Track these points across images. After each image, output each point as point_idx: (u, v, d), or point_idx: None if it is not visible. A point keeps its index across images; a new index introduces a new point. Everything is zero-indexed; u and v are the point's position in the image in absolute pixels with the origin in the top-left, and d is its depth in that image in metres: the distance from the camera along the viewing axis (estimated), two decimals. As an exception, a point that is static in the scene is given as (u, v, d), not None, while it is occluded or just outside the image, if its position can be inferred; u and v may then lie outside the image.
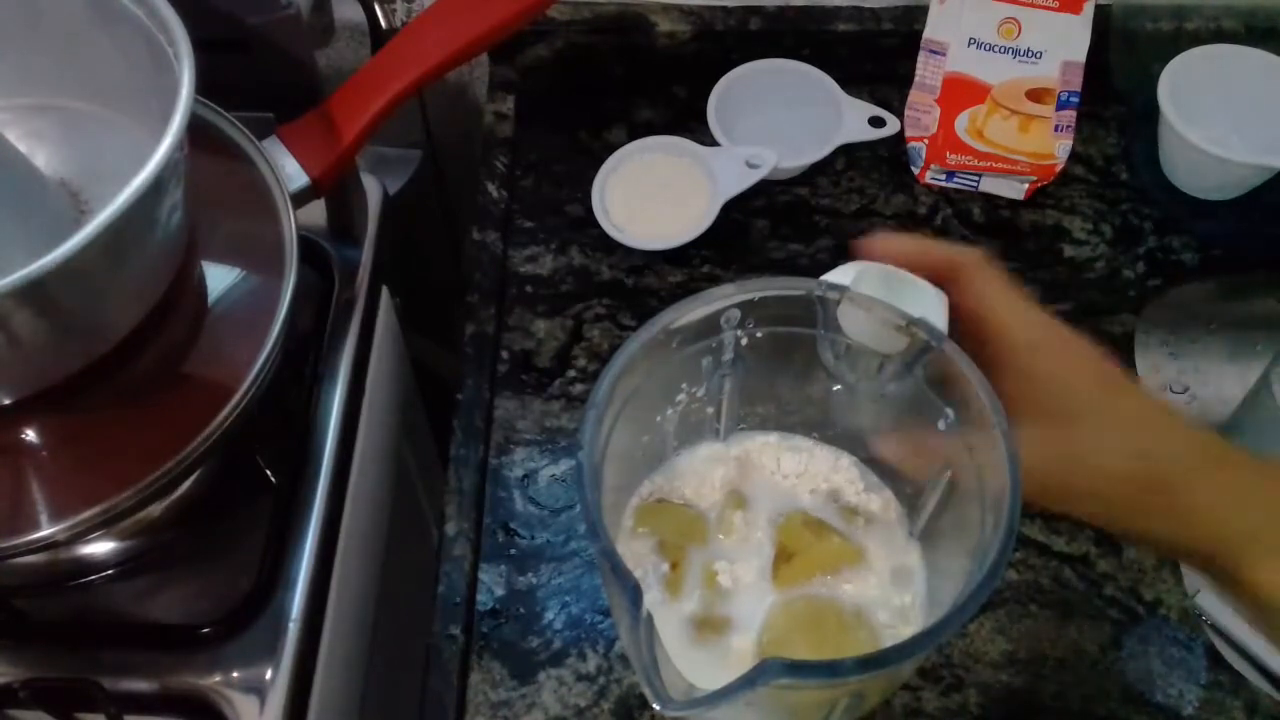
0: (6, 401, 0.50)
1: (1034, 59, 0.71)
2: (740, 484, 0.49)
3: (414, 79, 0.61)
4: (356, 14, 0.78)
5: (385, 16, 0.78)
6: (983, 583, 0.36)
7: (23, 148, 0.52)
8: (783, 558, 0.46)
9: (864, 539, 0.47)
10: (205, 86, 0.48)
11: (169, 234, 0.51)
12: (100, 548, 0.57)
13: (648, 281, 0.72)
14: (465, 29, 0.61)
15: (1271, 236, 0.76)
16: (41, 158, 0.56)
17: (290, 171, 0.59)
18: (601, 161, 0.75)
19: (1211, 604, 0.68)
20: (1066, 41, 0.73)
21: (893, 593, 0.46)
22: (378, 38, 0.78)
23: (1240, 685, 0.58)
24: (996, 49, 0.62)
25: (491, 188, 0.76)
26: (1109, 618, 0.60)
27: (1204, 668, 0.59)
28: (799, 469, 0.50)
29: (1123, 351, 0.70)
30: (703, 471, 0.50)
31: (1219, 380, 0.79)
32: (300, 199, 0.59)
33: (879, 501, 0.48)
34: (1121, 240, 0.74)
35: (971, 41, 0.72)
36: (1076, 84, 0.73)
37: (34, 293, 0.42)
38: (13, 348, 0.46)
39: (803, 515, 0.47)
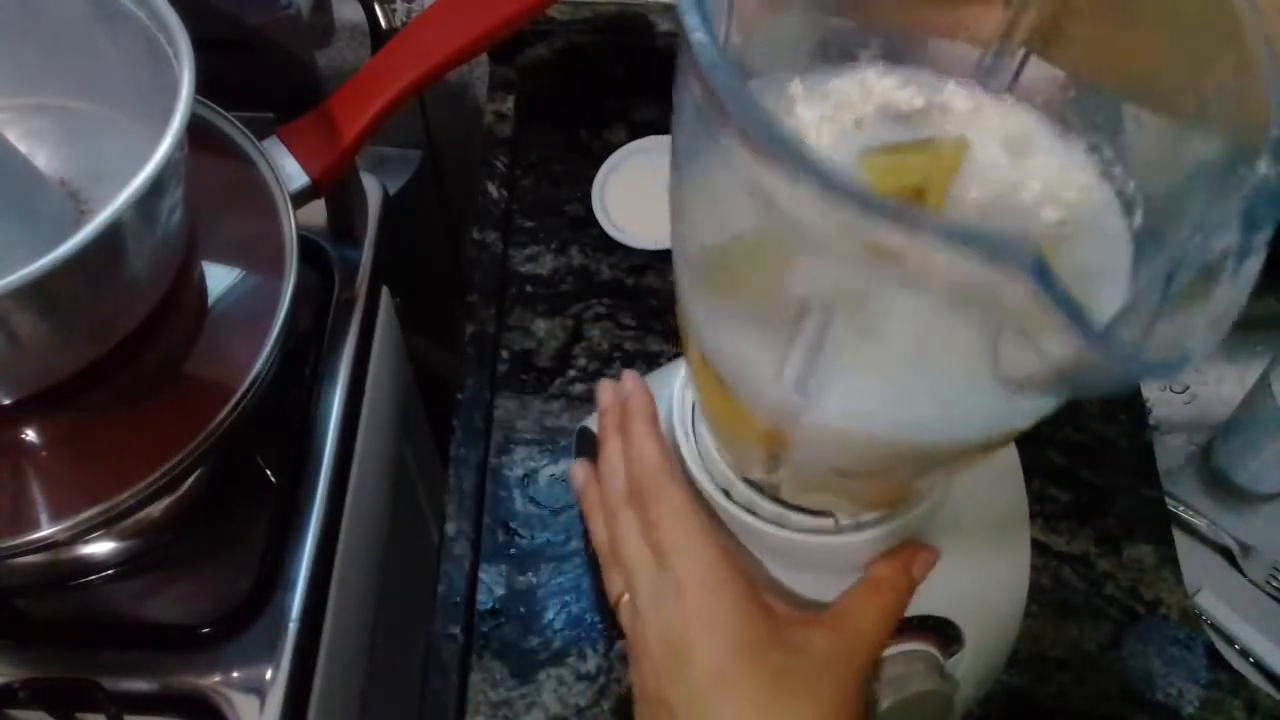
0: (7, 401, 0.50)
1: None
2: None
3: (414, 79, 0.61)
4: (356, 14, 0.78)
5: (385, 16, 0.78)
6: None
7: (23, 148, 0.52)
8: None
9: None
10: (205, 86, 0.48)
11: (169, 234, 0.51)
12: (100, 548, 0.57)
13: (648, 281, 0.72)
14: (465, 29, 0.61)
15: (1272, 236, 0.76)
16: (41, 158, 0.56)
17: (290, 171, 0.59)
18: (601, 161, 0.75)
19: (1211, 604, 0.68)
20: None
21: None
22: (378, 38, 0.78)
23: (1240, 685, 0.58)
24: None
25: (491, 188, 0.76)
26: (1109, 618, 0.60)
27: (1204, 667, 0.59)
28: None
29: (1123, 351, 0.70)
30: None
31: (1219, 380, 0.79)
32: (300, 199, 0.59)
33: None
34: (1121, 240, 0.74)
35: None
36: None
37: (34, 293, 0.42)
38: (13, 348, 0.46)
39: None
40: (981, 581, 0.46)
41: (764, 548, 0.43)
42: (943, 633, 0.44)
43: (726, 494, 0.42)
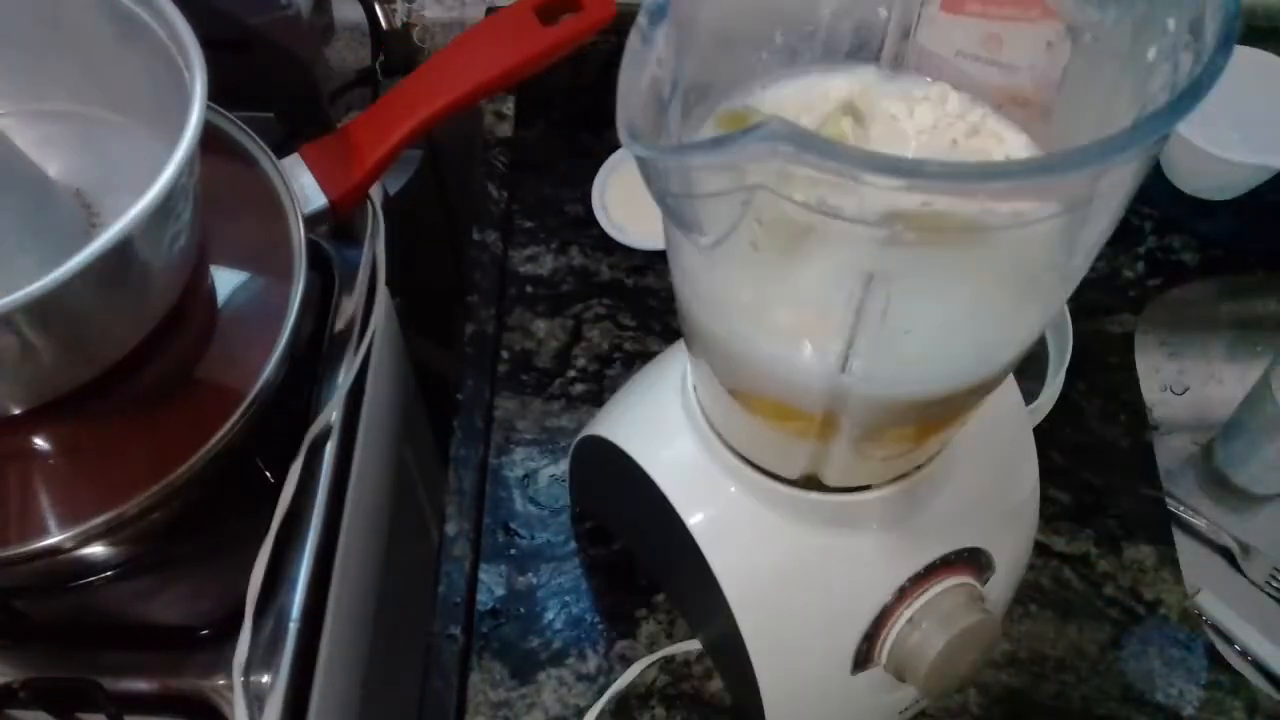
0: (16, 410, 0.51)
1: (1013, 71, 0.71)
2: (858, 105, 0.39)
3: (437, 110, 0.59)
4: (356, 14, 0.78)
5: (385, 16, 0.78)
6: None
7: (37, 155, 0.52)
8: None
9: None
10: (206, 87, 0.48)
11: (179, 247, 0.51)
12: (101, 549, 0.57)
13: (648, 281, 0.72)
14: (492, 63, 0.60)
15: (1271, 236, 0.76)
16: (57, 165, 0.56)
17: (309, 192, 0.59)
18: (601, 161, 0.75)
19: (1211, 604, 0.68)
20: (1046, 52, 0.73)
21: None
22: (378, 38, 0.78)
23: (1240, 685, 0.58)
24: (981, 59, 0.64)
25: (491, 188, 0.76)
26: (1109, 618, 0.60)
27: (1204, 668, 0.59)
28: (930, 122, 0.39)
29: (1123, 351, 0.70)
30: (810, 95, 0.40)
31: (1219, 380, 0.79)
32: (317, 220, 0.59)
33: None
34: (1121, 240, 0.74)
35: (959, 53, 0.72)
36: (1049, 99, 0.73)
37: (41, 308, 0.42)
38: (23, 360, 0.46)
39: None
40: (1000, 504, 0.48)
41: (784, 509, 0.44)
42: (976, 562, 0.46)
43: (747, 461, 0.43)
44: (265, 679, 0.53)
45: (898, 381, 0.35)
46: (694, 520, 0.46)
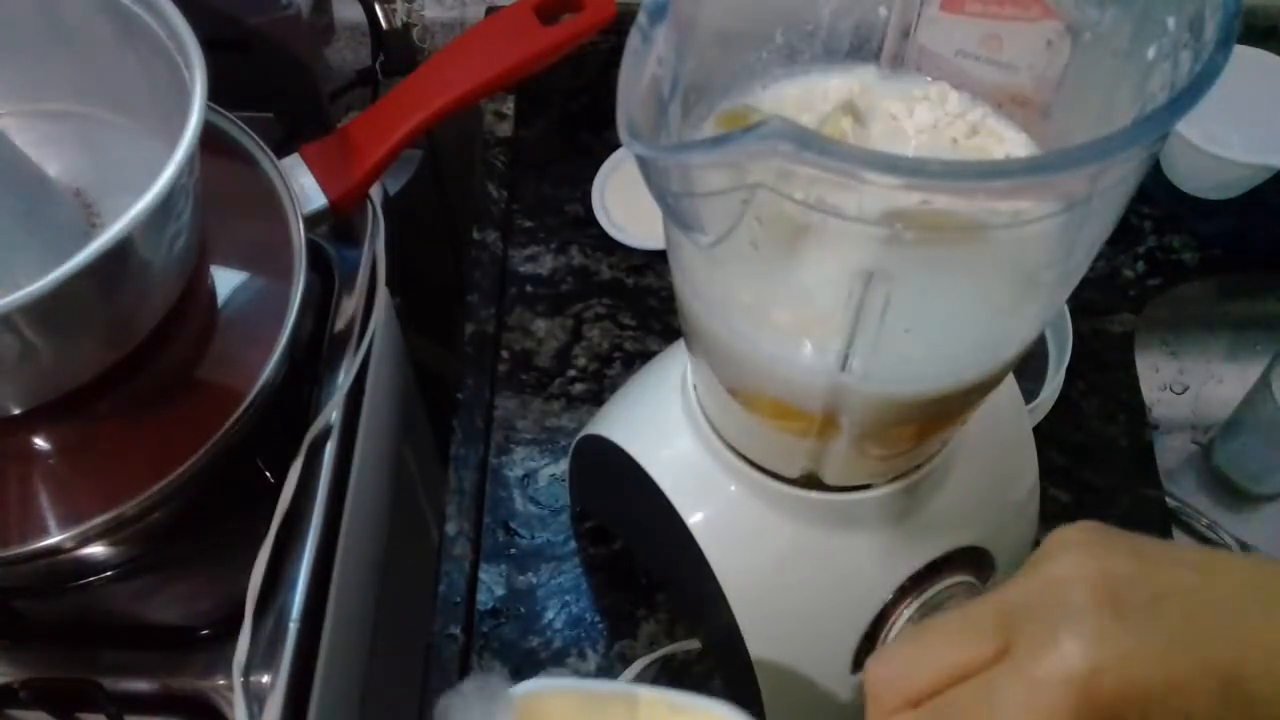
0: (17, 411, 0.51)
1: (1013, 70, 0.71)
2: (859, 105, 0.40)
3: (436, 110, 0.59)
4: (356, 14, 0.77)
5: (385, 16, 0.78)
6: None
7: (39, 155, 0.53)
8: None
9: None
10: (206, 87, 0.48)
11: (179, 247, 0.51)
12: (100, 549, 0.57)
13: (648, 281, 0.72)
14: (491, 63, 0.60)
15: (1272, 236, 0.76)
16: (57, 165, 0.56)
17: (309, 192, 0.59)
18: (601, 161, 0.75)
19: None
20: (1046, 52, 0.73)
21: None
22: (378, 38, 0.78)
23: (1240, 685, 0.58)
24: (981, 59, 0.64)
25: (491, 188, 0.76)
26: (1109, 617, 0.60)
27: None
28: (930, 122, 0.40)
29: (1123, 351, 0.69)
30: (810, 95, 0.40)
31: (1219, 380, 0.79)
32: (317, 220, 0.59)
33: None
34: (1121, 239, 0.74)
35: (959, 53, 0.72)
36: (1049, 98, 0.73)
37: (38, 309, 0.42)
38: (22, 360, 0.46)
39: None
40: (1000, 504, 0.48)
41: (784, 508, 0.44)
42: (977, 561, 0.47)
43: (747, 461, 0.43)
44: (265, 679, 0.53)
45: (897, 380, 0.36)
46: (694, 520, 0.46)
